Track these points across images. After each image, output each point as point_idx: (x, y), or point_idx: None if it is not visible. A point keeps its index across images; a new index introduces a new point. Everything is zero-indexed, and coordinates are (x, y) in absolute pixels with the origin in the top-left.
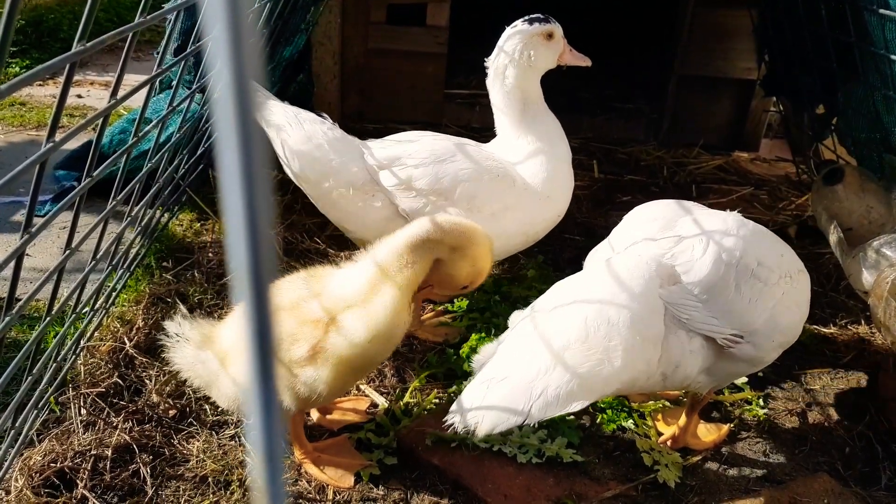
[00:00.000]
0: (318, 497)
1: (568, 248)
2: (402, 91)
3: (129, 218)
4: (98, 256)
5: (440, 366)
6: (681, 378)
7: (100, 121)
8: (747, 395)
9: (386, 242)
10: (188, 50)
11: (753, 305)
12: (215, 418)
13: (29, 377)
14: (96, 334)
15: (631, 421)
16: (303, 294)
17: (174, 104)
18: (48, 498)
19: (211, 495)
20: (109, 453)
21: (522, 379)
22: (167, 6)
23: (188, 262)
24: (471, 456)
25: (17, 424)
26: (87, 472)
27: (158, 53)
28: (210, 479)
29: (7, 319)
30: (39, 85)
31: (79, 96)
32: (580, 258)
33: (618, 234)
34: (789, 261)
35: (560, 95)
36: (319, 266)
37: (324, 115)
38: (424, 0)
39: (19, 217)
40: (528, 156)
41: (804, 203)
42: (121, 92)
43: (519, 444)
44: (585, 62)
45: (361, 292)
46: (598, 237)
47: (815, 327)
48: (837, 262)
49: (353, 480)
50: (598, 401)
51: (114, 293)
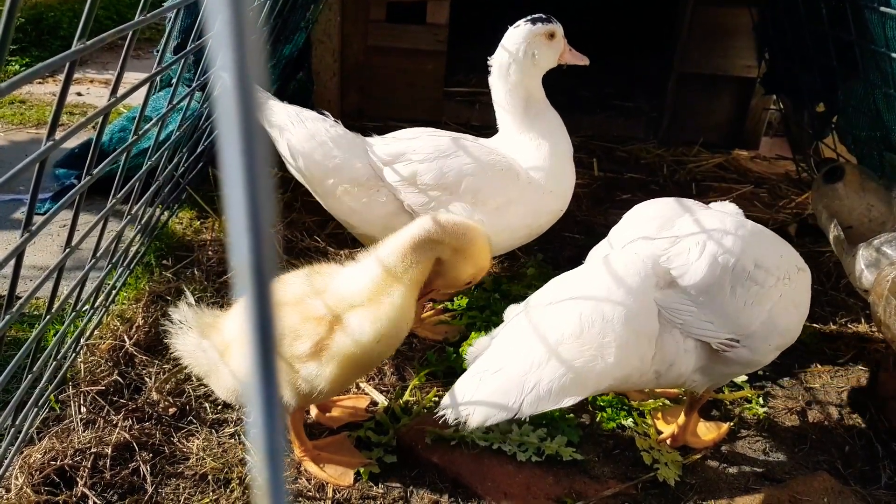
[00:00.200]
0: (318, 495)
1: (567, 247)
2: (402, 89)
3: (129, 216)
4: (98, 254)
5: (440, 364)
6: (674, 376)
7: (100, 119)
8: (747, 394)
9: (388, 242)
10: (188, 48)
11: (749, 309)
12: (215, 416)
13: (29, 375)
14: (96, 332)
15: (630, 419)
16: (306, 290)
17: (174, 102)
18: (48, 496)
19: (211, 493)
20: (109, 451)
21: (515, 372)
22: (167, 4)
23: (188, 260)
24: (470, 454)
25: (18, 422)
26: (87, 470)
27: (158, 51)
28: (210, 477)
29: (7, 317)
30: (39, 83)
31: (79, 94)
32: (580, 256)
33: (618, 233)
34: (788, 261)
35: (560, 94)
36: (324, 263)
37: (325, 113)
38: None
39: (19, 215)
40: (531, 151)
41: (804, 201)
42: (121, 90)
43: (518, 443)
44: (584, 61)
45: (366, 292)
46: (598, 235)
47: (816, 326)
48: (838, 261)
49: (353, 478)
50: (591, 396)
51: (114, 291)
